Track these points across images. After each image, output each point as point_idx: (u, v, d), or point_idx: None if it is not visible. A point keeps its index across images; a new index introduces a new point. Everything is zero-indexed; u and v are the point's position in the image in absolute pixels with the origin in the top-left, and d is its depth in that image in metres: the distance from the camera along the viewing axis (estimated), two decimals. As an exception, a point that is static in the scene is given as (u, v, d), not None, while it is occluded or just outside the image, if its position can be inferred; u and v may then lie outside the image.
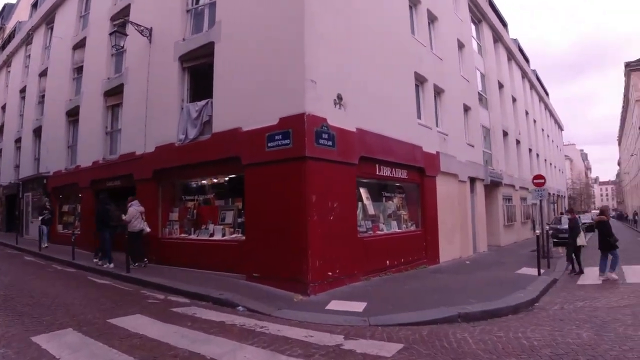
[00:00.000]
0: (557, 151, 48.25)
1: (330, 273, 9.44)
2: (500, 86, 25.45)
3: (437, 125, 15.98)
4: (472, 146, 19.26)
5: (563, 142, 59.07)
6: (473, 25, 22.94)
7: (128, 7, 14.93)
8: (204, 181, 12.57)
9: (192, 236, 12.01)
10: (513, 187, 25.31)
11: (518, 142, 27.90)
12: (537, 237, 12.35)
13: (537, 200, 15.90)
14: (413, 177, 13.72)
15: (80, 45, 18.29)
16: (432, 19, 16.73)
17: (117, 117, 15.76)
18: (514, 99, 28.14)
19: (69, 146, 18.69)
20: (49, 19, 21.99)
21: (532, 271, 11.76)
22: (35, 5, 26.79)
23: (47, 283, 9.95)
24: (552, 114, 46.30)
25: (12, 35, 28.80)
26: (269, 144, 9.56)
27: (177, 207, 12.87)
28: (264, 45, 10.18)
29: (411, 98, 14.13)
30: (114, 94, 15.57)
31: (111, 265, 11.61)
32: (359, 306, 7.78)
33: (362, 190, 11.91)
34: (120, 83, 15.00)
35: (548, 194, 19.44)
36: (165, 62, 12.76)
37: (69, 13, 19.73)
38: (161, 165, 12.48)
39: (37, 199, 20.57)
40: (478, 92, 21.50)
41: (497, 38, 26.09)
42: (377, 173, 11.97)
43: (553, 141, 44.49)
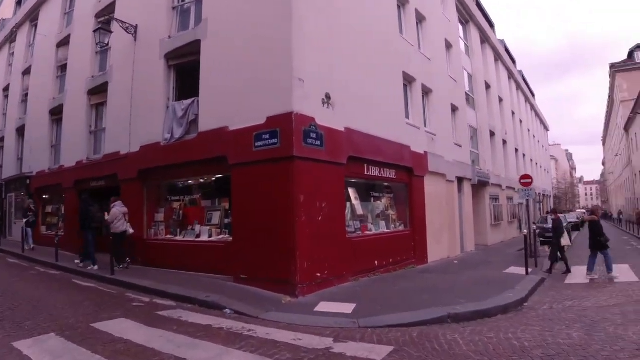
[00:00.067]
0: (543, 151, 48.79)
1: (318, 274, 9.34)
2: (487, 86, 25.61)
3: (425, 125, 15.98)
4: (460, 146, 19.32)
5: (548, 142, 59.68)
6: (461, 26, 23.03)
7: (113, 4, 14.64)
8: (190, 181, 12.39)
9: (178, 237, 11.81)
10: (500, 186, 25.50)
11: (505, 142, 28.12)
12: (524, 236, 12.39)
13: (524, 200, 15.98)
14: (401, 177, 13.69)
15: (64, 42, 17.93)
16: (420, 18, 16.72)
17: (101, 116, 15.46)
18: (500, 100, 28.36)
19: (53, 146, 18.32)
20: (33, 16, 21.51)
21: (520, 270, 11.81)
22: (19, 3, 26.23)
23: (30, 286, 9.71)
24: (537, 115, 46.80)
25: (-4, 33, 28.20)
26: (257, 144, 9.43)
27: (162, 207, 12.64)
28: (251, 43, 10.04)
29: (399, 98, 14.09)
30: (98, 93, 15.27)
31: (95, 267, 11.37)
32: (348, 307, 7.70)
33: (351, 190, 11.84)
34: (104, 81, 14.72)
35: (535, 194, 19.57)
36: (150, 60, 12.55)
37: (54, 10, 19.32)
38: (146, 165, 12.26)
39: (20, 200, 20.14)
40: (465, 93, 21.57)
41: (485, 39, 26.23)
42: (366, 173, 11.90)
43: (539, 141, 44.98)
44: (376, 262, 11.68)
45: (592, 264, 11.15)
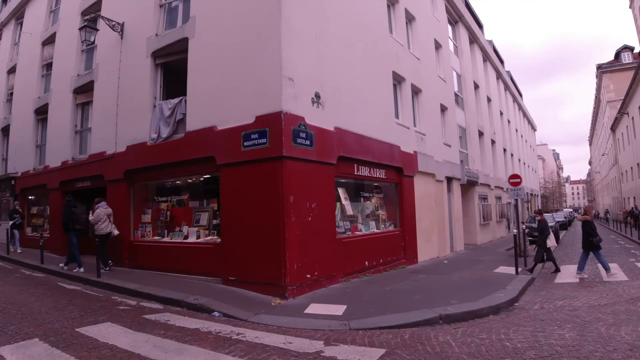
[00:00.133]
0: (531, 151, 49.16)
1: (308, 275, 9.24)
2: (476, 87, 25.70)
3: (415, 125, 15.96)
4: (449, 146, 19.34)
5: (536, 142, 60.15)
6: (450, 26, 23.07)
7: (99, 1, 14.40)
8: (177, 182, 12.19)
9: (166, 239, 11.62)
10: (488, 186, 25.63)
11: (493, 142, 28.24)
12: (514, 236, 12.39)
13: (512, 200, 16.02)
14: (391, 177, 13.64)
15: (50, 41, 17.63)
16: (409, 18, 16.71)
17: (87, 116, 15.20)
18: (489, 100, 28.47)
19: (38, 146, 18.01)
20: (18, 14, 21.13)
21: (510, 270, 11.83)
22: (4, 1, 25.76)
23: (14, 289, 9.45)
24: (525, 115, 47.14)
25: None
26: (245, 143, 9.30)
27: (150, 208, 12.43)
28: (239, 42, 9.90)
29: (389, 97, 14.03)
30: (84, 92, 15.01)
31: (81, 269, 11.16)
32: (338, 309, 7.61)
33: (341, 191, 11.74)
34: (90, 80, 14.45)
35: (524, 193, 19.66)
36: (137, 58, 12.34)
37: (39, 8, 18.99)
38: (133, 165, 12.06)
39: (5, 201, 19.79)
40: (454, 92, 21.62)
41: (473, 39, 26.32)
42: (356, 173, 11.82)
43: (526, 141, 45.31)
44: (366, 263, 11.62)
45: (583, 263, 11.18)
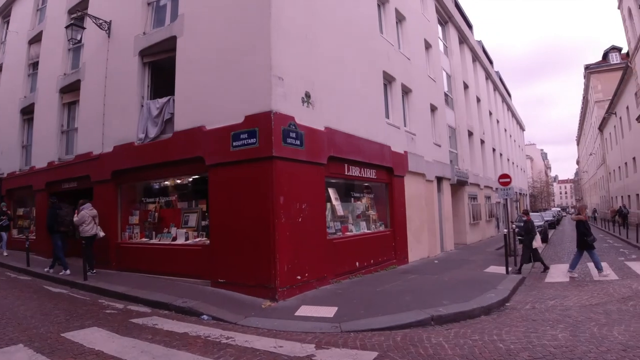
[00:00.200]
0: (519, 151, 49.49)
1: (299, 277, 9.14)
2: (466, 87, 25.76)
3: (405, 124, 15.93)
4: (439, 146, 19.36)
5: (524, 142, 60.60)
6: (439, 26, 23.12)
7: (86, -1, 14.19)
8: (166, 182, 12.01)
9: (154, 240, 11.43)
10: (478, 186, 25.72)
11: (482, 142, 28.34)
12: (504, 235, 12.40)
13: (502, 199, 16.05)
14: (382, 177, 13.59)
15: (36, 39, 17.30)
16: (400, 18, 16.68)
17: (73, 116, 14.94)
18: (478, 100, 28.59)
19: (24, 146, 17.69)
20: (5, 13, 20.74)
21: (501, 269, 11.84)
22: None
23: (-1, 293, 9.27)
24: (514, 115, 47.43)
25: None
26: (234, 143, 9.17)
27: (137, 210, 12.24)
28: (228, 40, 9.77)
29: (380, 97, 13.99)
30: (70, 91, 14.76)
31: (67, 272, 10.94)
32: (329, 311, 7.52)
33: (331, 191, 11.66)
34: (76, 79, 14.20)
35: (514, 193, 19.72)
36: (124, 57, 12.15)
37: (26, 6, 18.64)
38: (120, 165, 11.86)
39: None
40: (444, 92, 21.65)
41: (463, 39, 26.39)
42: (346, 173, 11.74)
43: (515, 141, 45.60)
44: (357, 263, 11.55)
45: (576, 262, 11.22)
